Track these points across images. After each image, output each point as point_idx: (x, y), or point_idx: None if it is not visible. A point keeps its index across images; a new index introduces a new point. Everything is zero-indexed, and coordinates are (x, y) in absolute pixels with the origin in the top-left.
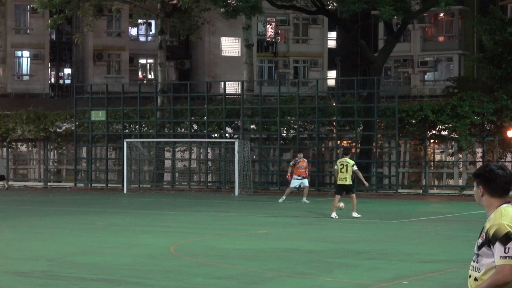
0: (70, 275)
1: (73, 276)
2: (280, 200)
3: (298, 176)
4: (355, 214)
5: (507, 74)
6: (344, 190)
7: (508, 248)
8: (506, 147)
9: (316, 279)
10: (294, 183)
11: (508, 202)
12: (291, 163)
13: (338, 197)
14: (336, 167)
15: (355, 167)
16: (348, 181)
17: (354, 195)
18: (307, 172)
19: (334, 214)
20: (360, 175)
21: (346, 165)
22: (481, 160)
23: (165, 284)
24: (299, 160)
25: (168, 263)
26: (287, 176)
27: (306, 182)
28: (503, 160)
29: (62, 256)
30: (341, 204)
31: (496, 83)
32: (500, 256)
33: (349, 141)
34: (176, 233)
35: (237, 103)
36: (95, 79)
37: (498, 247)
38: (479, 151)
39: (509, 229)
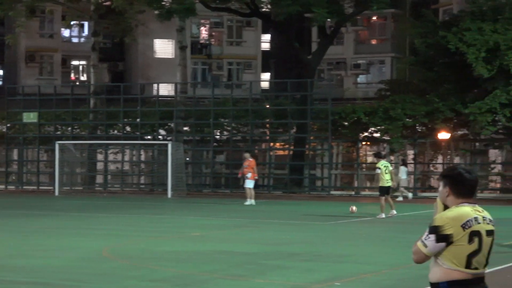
0: (2, 278)
1: (5, 280)
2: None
3: (244, 175)
4: (394, 212)
5: (439, 77)
6: (388, 191)
7: (429, 236)
8: (437, 149)
9: (250, 281)
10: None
11: (473, 203)
12: None
13: (383, 198)
14: (379, 170)
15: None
16: (391, 183)
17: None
18: (247, 171)
19: (383, 215)
20: None
21: (387, 167)
22: (413, 162)
23: (98, 287)
24: (244, 160)
25: (101, 266)
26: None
27: (246, 183)
28: (434, 162)
29: None
30: (354, 208)
31: (428, 86)
32: (421, 240)
33: (283, 143)
34: (109, 236)
35: (170, 105)
36: (27, 81)
37: (425, 232)
38: (410, 153)
39: (441, 224)
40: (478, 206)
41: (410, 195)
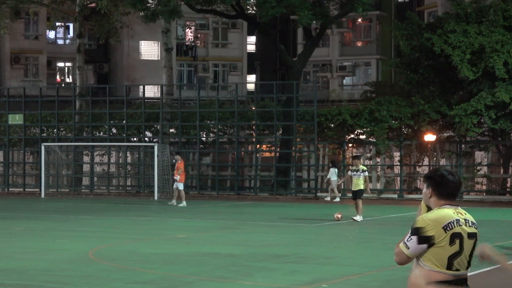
0: None
1: None
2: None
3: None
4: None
5: (424, 79)
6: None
7: (411, 238)
8: (423, 151)
9: (236, 283)
10: None
11: (455, 205)
12: None
13: (361, 200)
14: (366, 173)
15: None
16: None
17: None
18: (176, 174)
19: (361, 217)
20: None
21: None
22: (398, 164)
23: None
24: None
25: (86, 268)
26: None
27: (175, 184)
28: (420, 164)
29: None
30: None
31: (413, 88)
32: (403, 241)
33: (269, 145)
34: (95, 238)
35: (156, 107)
36: (12, 83)
37: (407, 233)
38: (396, 155)
39: (423, 226)
40: (460, 208)
41: (338, 198)
